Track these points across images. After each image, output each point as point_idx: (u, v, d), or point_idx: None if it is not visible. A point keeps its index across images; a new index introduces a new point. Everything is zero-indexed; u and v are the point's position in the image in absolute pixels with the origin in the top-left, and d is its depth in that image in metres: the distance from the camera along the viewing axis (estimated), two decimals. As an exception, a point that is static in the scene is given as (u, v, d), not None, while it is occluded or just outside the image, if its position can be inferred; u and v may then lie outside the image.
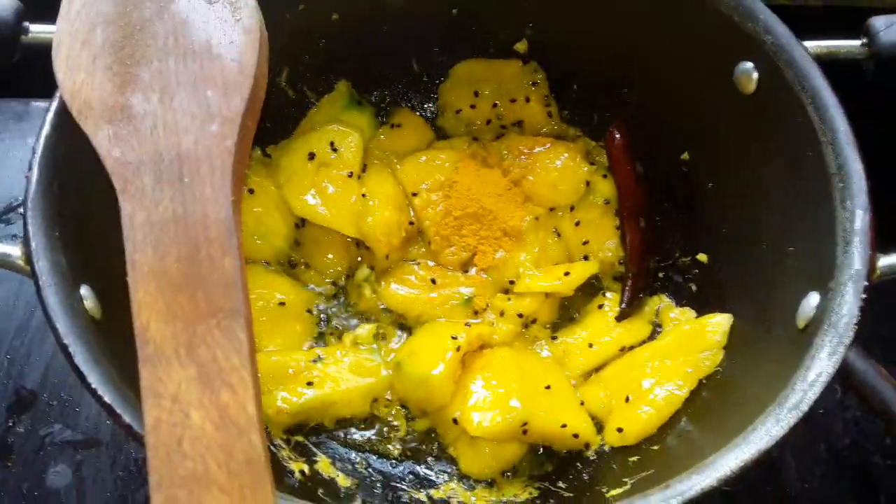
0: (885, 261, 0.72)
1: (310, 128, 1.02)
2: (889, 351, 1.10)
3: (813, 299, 0.73)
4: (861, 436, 1.04)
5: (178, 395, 0.57)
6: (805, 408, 0.64)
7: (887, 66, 0.82)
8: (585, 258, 0.99)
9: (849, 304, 0.69)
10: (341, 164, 0.97)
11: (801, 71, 0.78)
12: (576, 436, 0.86)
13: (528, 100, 1.04)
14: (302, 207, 0.96)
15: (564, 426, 0.86)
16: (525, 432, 0.85)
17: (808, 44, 0.80)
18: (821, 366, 0.67)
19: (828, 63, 0.81)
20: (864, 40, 0.83)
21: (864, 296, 0.69)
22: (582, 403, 0.90)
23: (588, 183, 1.00)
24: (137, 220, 0.63)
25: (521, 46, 1.03)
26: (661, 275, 0.99)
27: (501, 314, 0.95)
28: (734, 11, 0.82)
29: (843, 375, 0.81)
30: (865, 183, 0.73)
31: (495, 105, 1.04)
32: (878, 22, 0.82)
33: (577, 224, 0.99)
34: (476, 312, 0.95)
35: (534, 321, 0.96)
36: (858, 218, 0.72)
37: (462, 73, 1.05)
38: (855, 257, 0.70)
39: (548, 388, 0.88)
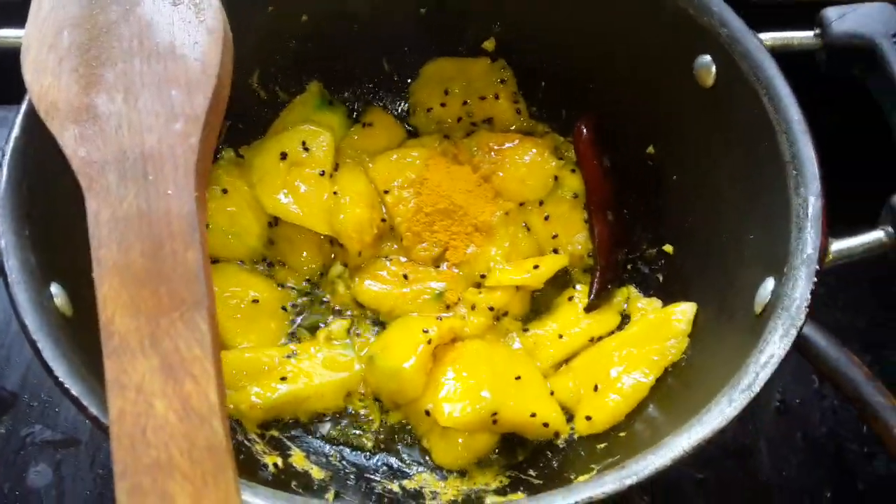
0: (837, 245, 0.74)
1: (282, 128, 1.03)
2: (864, 340, 1.12)
3: (769, 285, 0.75)
4: (838, 425, 1.05)
5: (142, 385, 0.58)
6: (757, 388, 0.66)
7: (839, 56, 0.84)
8: (555, 251, 1.00)
9: (801, 287, 0.70)
10: (313, 163, 0.98)
11: (756, 62, 0.80)
12: (545, 425, 0.88)
13: (497, 97, 1.05)
14: (274, 206, 0.97)
15: (534, 415, 0.87)
16: (495, 422, 0.86)
17: (763, 35, 0.82)
18: (773, 348, 0.68)
19: (782, 54, 0.83)
20: (817, 31, 0.85)
21: (815, 279, 0.70)
22: (552, 393, 0.91)
23: (556, 178, 1.02)
24: (102, 216, 0.65)
25: (489, 45, 1.05)
26: (629, 266, 1.00)
27: (473, 308, 0.97)
28: (689, 5, 0.84)
29: (818, 364, 0.83)
30: (818, 170, 0.75)
31: (465, 103, 1.06)
32: (830, 13, 0.84)
33: (547, 218, 1.01)
34: (448, 307, 0.97)
35: (505, 314, 0.98)
36: (811, 204, 0.73)
37: (432, 72, 1.07)
38: (808, 242, 0.72)
39: (518, 378, 0.90)
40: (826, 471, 1.03)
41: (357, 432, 0.91)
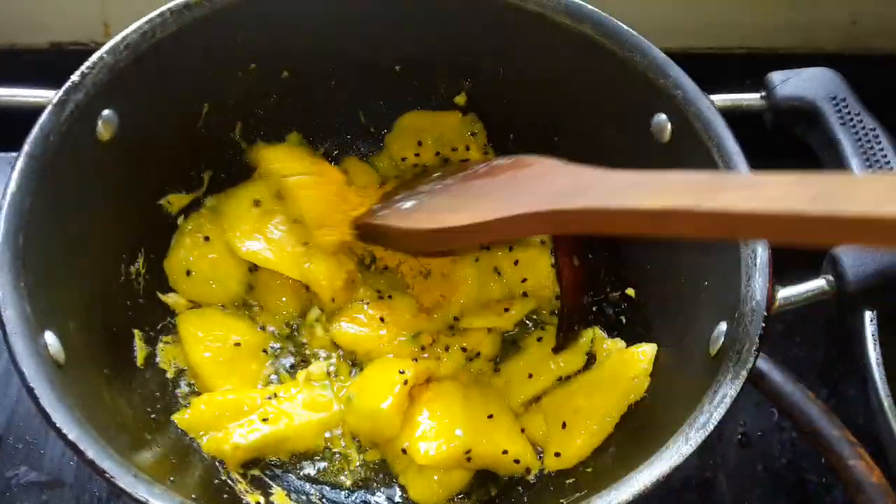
0: (783, 293, 0.80)
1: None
2: (821, 374, 1.18)
3: (722, 328, 0.80)
4: (797, 456, 1.10)
5: None
6: (711, 426, 0.71)
7: (783, 116, 0.91)
8: (524, 294, 1.05)
9: (750, 332, 0.76)
10: (286, 211, 1.03)
11: (707, 122, 0.86)
12: (517, 461, 0.92)
13: (468, 148, 1.11)
14: (247, 252, 1.01)
15: (506, 452, 0.92)
16: (469, 459, 0.90)
17: (714, 97, 0.89)
18: (725, 389, 0.74)
19: (733, 114, 0.89)
20: (763, 94, 0.92)
21: (763, 325, 0.76)
22: (523, 431, 0.96)
23: None
24: None
25: (460, 99, 1.10)
26: (594, 308, 1.05)
27: (447, 349, 1.01)
28: (647, 69, 0.90)
29: (775, 399, 0.88)
30: (766, 222, 0.81)
31: (437, 153, 1.11)
32: (775, 77, 0.91)
33: (516, 263, 1.06)
34: (423, 348, 1.01)
35: (478, 355, 1.02)
36: (759, 255, 0.79)
37: (406, 124, 1.12)
38: (756, 290, 0.78)
39: (490, 417, 0.94)
40: (786, 501, 1.07)
41: (336, 471, 0.95)
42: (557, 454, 0.93)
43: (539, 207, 0.75)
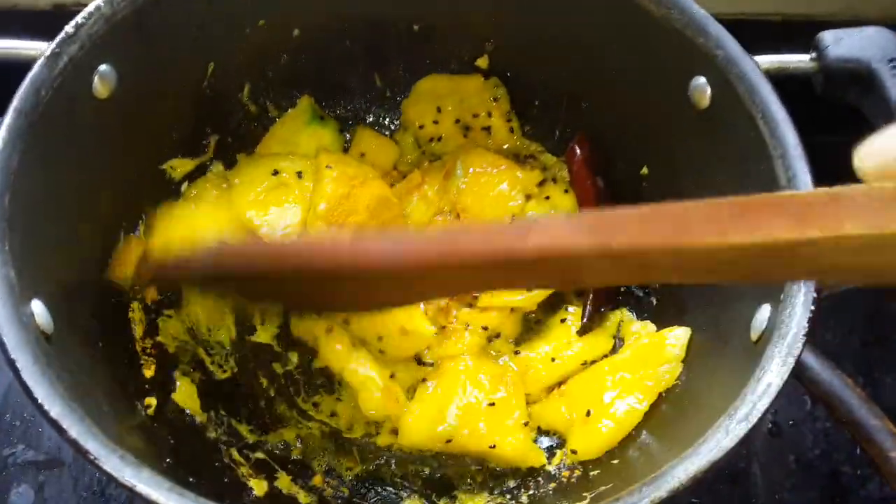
0: (834, 272, 0.73)
1: (273, 142, 1.02)
2: (857, 362, 1.12)
3: (765, 312, 0.74)
4: (830, 446, 1.05)
5: None
6: (754, 419, 0.65)
7: (835, 79, 0.83)
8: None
9: (798, 315, 0.69)
10: (301, 189, 0.98)
11: (752, 85, 0.79)
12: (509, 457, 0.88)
13: (489, 115, 1.04)
14: (248, 218, 0.96)
15: (493, 447, 0.87)
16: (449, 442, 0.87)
17: (759, 58, 0.81)
18: (770, 377, 0.67)
19: (779, 77, 0.82)
20: (814, 55, 0.84)
21: (812, 307, 0.69)
22: (526, 423, 0.91)
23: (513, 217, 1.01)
24: None
25: (482, 62, 1.04)
26: (622, 289, 0.99)
27: (467, 326, 0.95)
28: (686, 27, 0.83)
29: (811, 387, 0.83)
30: (815, 195, 0.74)
31: (457, 121, 1.05)
32: (827, 37, 0.83)
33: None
34: (444, 327, 0.96)
35: (498, 335, 0.97)
36: (808, 229, 0.72)
37: (425, 88, 1.06)
38: (804, 268, 0.71)
39: (492, 405, 0.89)
40: (819, 494, 1.03)
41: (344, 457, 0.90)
42: (576, 448, 0.87)
43: (562, 242, 0.56)
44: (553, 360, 0.94)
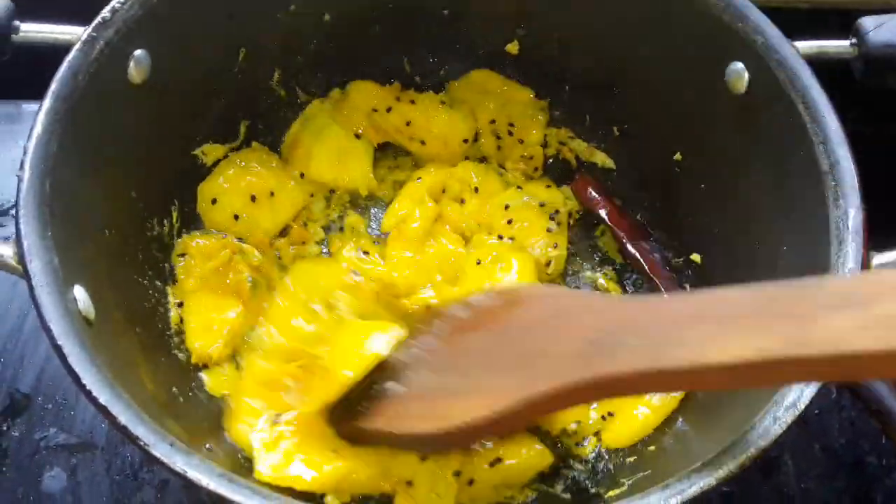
0: (878, 259, 0.73)
1: (304, 128, 1.02)
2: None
3: (807, 297, 0.73)
4: (857, 435, 1.04)
5: None
6: (802, 405, 0.64)
7: (875, 65, 0.82)
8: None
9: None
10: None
11: (792, 71, 0.79)
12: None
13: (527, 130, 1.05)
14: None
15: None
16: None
17: (798, 44, 0.81)
18: (816, 363, 0.67)
19: (818, 63, 0.81)
20: (854, 40, 0.83)
21: (857, 294, 0.69)
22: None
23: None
24: None
25: (512, 48, 1.03)
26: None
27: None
28: (724, 12, 0.83)
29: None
30: (857, 181, 0.74)
31: (493, 122, 1.05)
32: (867, 22, 0.82)
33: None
34: None
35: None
36: (851, 216, 0.72)
37: (477, 80, 1.06)
38: (849, 256, 0.71)
39: None
40: (845, 483, 1.02)
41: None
42: (613, 433, 0.87)
43: (573, 376, 0.54)
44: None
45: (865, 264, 0.70)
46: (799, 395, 0.65)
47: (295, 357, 0.86)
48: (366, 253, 0.96)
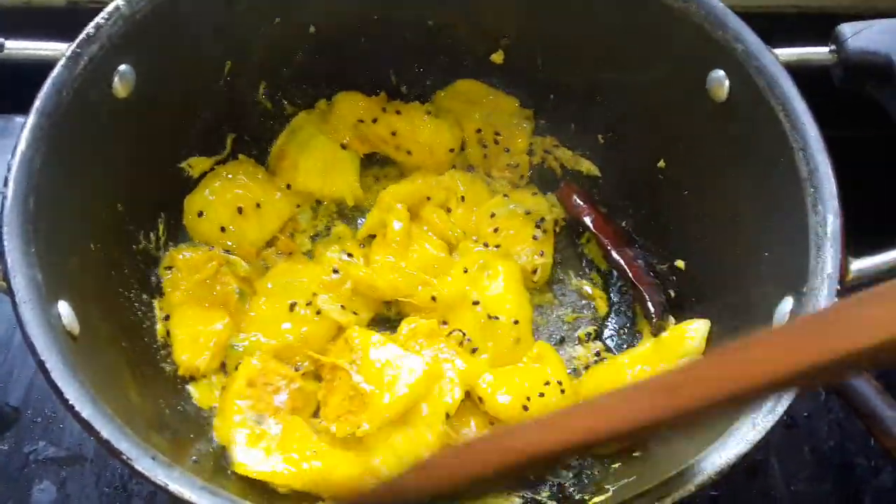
0: (856, 264, 0.73)
1: (290, 140, 1.02)
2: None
3: (787, 304, 0.74)
4: (845, 438, 1.04)
5: None
6: (780, 411, 0.65)
7: (854, 72, 0.83)
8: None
9: (822, 307, 0.69)
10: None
11: (772, 78, 0.79)
12: None
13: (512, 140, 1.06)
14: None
15: None
16: None
17: (778, 51, 0.81)
18: (794, 369, 0.67)
19: (797, 70, 0.82)
20: (833, 47, 0.84)
21: (836, 299, 0.69)
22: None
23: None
24: None
25: (497, 57, 1.04)
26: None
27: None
28: (704, 20, 0.83)
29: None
30: (836, 188, 0.74)
31: (479, 131, 1.05)
32: (846, 29, 0.83)
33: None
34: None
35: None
36: (830, 222, 0.73)
37: (462, 89, 1.06)
38: (827, 261, 0.71)
39: None
40: (833, 484, 1.02)
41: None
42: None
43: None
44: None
45: (844, 269, 0.71)
46: (777, 401, 0.65)
47: (288, 356, 0.89)
48: (349, 255, 0.97)
